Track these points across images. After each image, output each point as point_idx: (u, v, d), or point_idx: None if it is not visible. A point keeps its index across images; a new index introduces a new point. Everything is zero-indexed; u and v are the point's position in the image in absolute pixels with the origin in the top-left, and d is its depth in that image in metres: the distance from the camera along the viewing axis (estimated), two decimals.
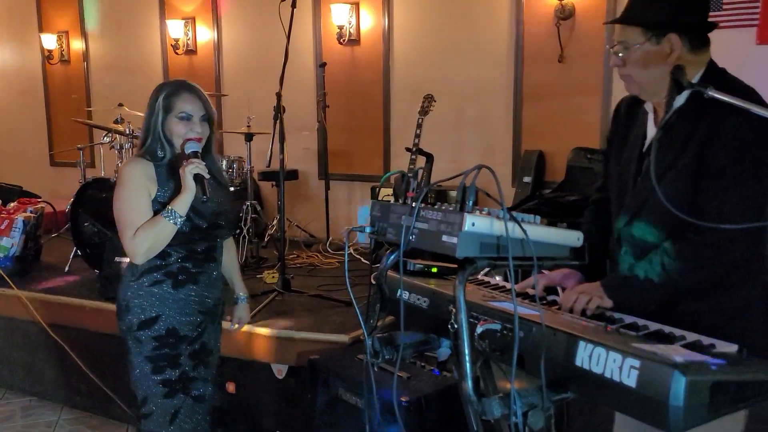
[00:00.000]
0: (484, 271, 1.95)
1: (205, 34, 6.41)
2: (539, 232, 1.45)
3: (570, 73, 4.85)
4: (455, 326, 1.44)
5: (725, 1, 4.22)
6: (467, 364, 1.40)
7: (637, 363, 1.22)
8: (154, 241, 2.16)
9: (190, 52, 6.49)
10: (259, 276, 4.32)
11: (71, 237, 4.64)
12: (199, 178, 2.16)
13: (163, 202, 2.20)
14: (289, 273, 4.14)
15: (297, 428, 3.20)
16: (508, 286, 1.84)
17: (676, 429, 1.18)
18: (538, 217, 1.47)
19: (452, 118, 5.28)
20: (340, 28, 5.63)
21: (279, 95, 3.88)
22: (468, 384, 1.40)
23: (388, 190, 4.81)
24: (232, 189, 4.38)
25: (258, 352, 3.33)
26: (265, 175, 5.39)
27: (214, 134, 2.36)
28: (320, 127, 5.45)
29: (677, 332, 1.53)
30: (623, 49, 1.77)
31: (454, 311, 1.43)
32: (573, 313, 1.70)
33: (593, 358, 1.29)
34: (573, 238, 1.52)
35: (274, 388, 3.32)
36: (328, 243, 5.36)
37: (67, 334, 3.93)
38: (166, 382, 2.27)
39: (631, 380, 1.22)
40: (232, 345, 3.16)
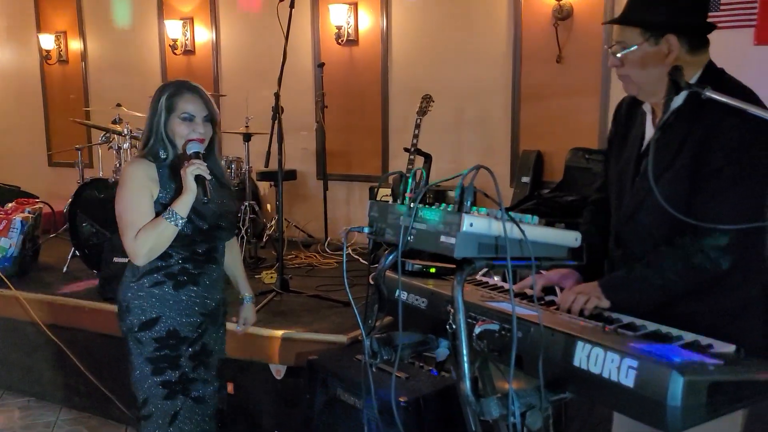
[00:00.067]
0: (483, 271, 1.96)
1: (203, 35, 6.40)
2: (537, 232, 1.45)
3: (568, 73, 4.85)
4: (453, 327, 1.44)
5: (723, 1, 4.22)
6: (465, 365, 1.40)
7: (635, 363, 1.22)
8: (156, 242, 2.15)
9: (189, 52, 6.48)
10: (257, 276, 4.32)
11: (69, 237, 4.64)
12: (200, 180, 2.14)
13: (165, 204, 2.19)
14: (287, 273, 4.14)
15: (295, 428, 3.20)
16: (507, 286, 1.84)
17: (673, 429, 1.18)
18: (536, 218, 1.47)
19: (451, 119, 5.28)
20: (339, 28, 5.63)
21: (277, 95, 3.88)
22: (466, 384, 1.40)
23: (387, 191, 4.81)
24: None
25: (256, 352, 3.32)
26: (264, 176, 5.39)
27: (217, 135, 2.34)
28: (318, 127, 5.45)
29: (675, 332, 1.53)
30: (621, 50, 1.77)
31: (453, 311, 1.44)
32: (571, 314, 1.70)
33: (591, 358, 1.30)
34: (571, 238, 1.52)
35: (273, 389, 3.32)
36: (326, 243, 5.36)
37: (65, 334, 3.93)
38: (166, 383, 2.26)
39: (629, 380, 1.22)
40: (230, 345, 3.14)
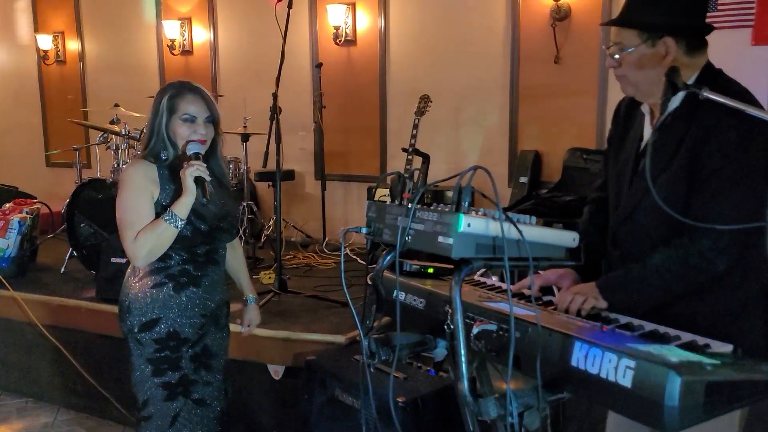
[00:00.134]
0: (481, 271, 1.96)
1: (201, 35, 6.40)
2: (535, 232, 1.45)
3: (566, 73, 4.85)
4: (451, 327, 1.44)
5: (720, 1, 4.23)
6: (463, 365, 1.41)
7: (632, 363, 1.23)
8: (155, 244, 2.14)
9: (186, 52, 6.48)
10: (255, 277, 4.31)
11: (67, 238, 4.63)
12: (199, 181, 2.13)
13: (165, 205, 2.18)
14: (285, 274, 4.13)
15: (293, 429, 3.20)
16: (504, 286, 1.85)
17: (671, 429, 1.18)
18: (533, 218, 1.47)
19: (449, 119, 5.28)
20: (337, 28, 5.63)
21: (275, 96, 3.88)
22: (464, 384, 1.40)
23: (385, 191, 4.81)
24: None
25: (255, 352, 3.32)
26: (262, 176, 5.39)
27: (219, 136, 2.33)
28: (316, 127, 5.45)
29: (672, 332, 1.53)
30: (619, 51, 1.77)
31: (451, 312, 1.44)
32: (569, 314, 1.70)
33: (589, 358, 1.30)
34: (569, 238, 1.52)
35: (271, 389, 3.32)
36: (324, 243, 5.36)
37: (63, 335, 3.92)
38: (166, 384, 2.25)
39: (626, 380, 1.23)
40: (229, 345, 3.15)
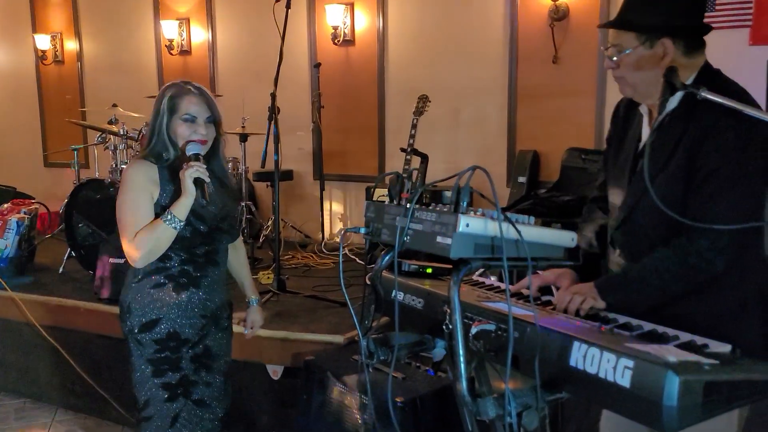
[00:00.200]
0: (479, 271, 1.96)
1: (199, 35, 6.40)
2: (533, 232, 1.45)
3: (564, 73, 4.86)
4: (450, 327, 1.44)
5: (718, 1, 4.23)
6: (462, 365, 1.41)
7: (630, 363, 1.23)
8: (154, 245, 2.14)
9: (185, 52, 6.47)
10: (254, 277, 4.29)
11: (65, 238, 4.63)
12: (199, 182, 2.12)
13: (165, 205, 2.17)
14: (284, 274, 4.14)
15: (292, 429, 3.20)
16: (503, 286, 1.85)
17: (669, 429, 1.18)
18: (532, 218, 1.47)
19: (447, 119, 5.28)
20: (335, 28, 5.63)
21: (273, 96, 3.88)
22: (463, 384, 1.40)
23: (383, 191, 4.81)
24: None
25: (253, 352, 3.32)
26: (260, 176, 5.39)
27: (221, 137, 2.31)
28: (315, 127, 5.45)
29: (671, 332, 1.53)
30: (617, 53, 1.77)
31: (449, 312, 1.44)
32: (567, 314, 1.71)
33: (587, 358, 1.30)
34: (567, 238, 1.52)
35: (270, 389, 3.32)
36: (323, 244, 5.36)
37: (61, 335, 3.92)
38: (166, 385, 2.24)
39: (624, 380, 1.23)
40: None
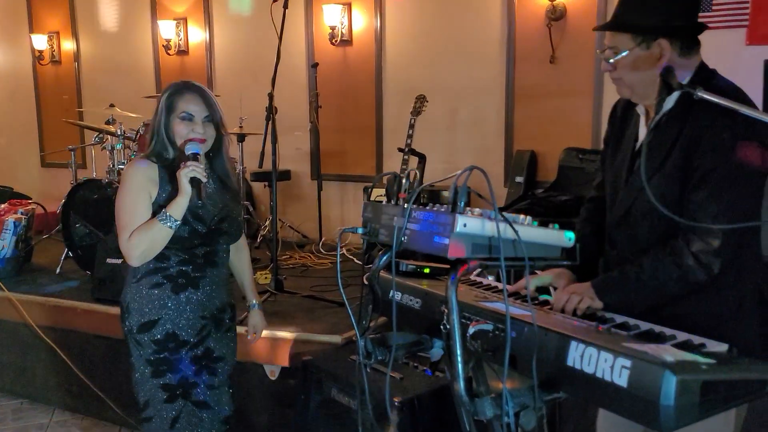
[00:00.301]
0: (477, 271, 1.96)
1: (197, 35, 6.39)
2: (531, 232, 1.45)
3: (561, 73, 4.86)
4: (447, 327, 1.44)
5: (715, 1, 4.24)
6: (459, 365, 1.41)
7: (628, 363, 1.23)
8: (149, 244, 2.13)
9: (182, 52, 6.47)
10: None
11: (62, 238, 4.62)
12: (195, 182, 2.11)
13: (163, 205, 2.16)
14: (281, 274, 4.13)
15: (290, 429, 3.20)
16: (501, 286, 1.85)
17: (667, 428, 1.18)
18: (529, 218, 1.47)
19: (445, 119, 5.28)
20: (333, 28, 5.63)
21: (271, 96, 3.88)
22: (460, 384, 1.40)
23: (381, 191, 4.81)
24: None
25: (251, 352, 3.32)
26: (258, 176, 5.39)
27: (224, 137, 2.30)
28: (312, 127, 5.44)
29: (668, 332, 1.54)
30: (613, 55, 1.77)
31: (447, 312, 1.44)
32: (564, 314, 1.71)
33: (585, 358, 1.30)
34: (564, 238, 1.52)
35: (267, 389, 3.32)
36: (320, 244, 5.36)
37: (58, 335, 3.91)
38: (166, 386, 2.24)
39: (622, 380, 1.23)
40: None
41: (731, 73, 1.78)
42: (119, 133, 4.71)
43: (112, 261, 3.84)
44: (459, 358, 1.41)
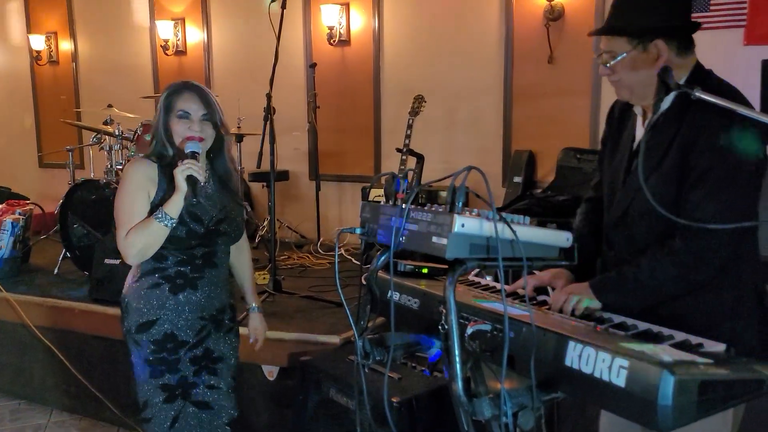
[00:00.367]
0: (475, 271, 1.96)
1: (194, 35, 6.39)
2: (529, 232, 1.45)
3: (559, 73, 4.87)
4: (446, 327, 1.44)
5: (712, 1, 4.24)
6: (458, 365, 1.41)
7: (626, 363, 1.23)
8: (146, 242, 2.13)
9: (180, 52, 6.46)
10: None
11: (60, 239, 4.62)
12: (191, 180, 2.10)
13: (160, 204, 2.16)
14: (279, 274, 4.13)
15: (288, 430, 3.19)
16: (499, 286, 1.85)
17: (665, 428, 1.18)
18: (527, 218, 1.47)
19: (443, 119, 5.28)
20: (331, 28, 5.63)
21: (269, 96, 3.87)
22: (458, 385, 1.40)
23: (379, 191, 4.81)
24: None
25: (249, 353, 3.30)
26: (256, 176, 5.39)
27: (225, 136, 2.30)
28: (311, 127, 5.45)
29: (666, 332, 1.54)
30: (610, 59, 1.77)
31: (445, 312, 1.44)
32: (562, 314, 1.71)
33: (583, 358, 1.30)
34: (562, 238, 1.52)
35: (266, 390, 3.31)
36: (318, 244, 5.35)
37: (56, 336, 3.91)
38: (165, 386, 2.24)
39: (620, 380, 1.23)
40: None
41: (729, 73, 1.78)
42: (117, 133, 4.71)
43: (110, 261, 3.84)
44: (457, 359, 1.41)
